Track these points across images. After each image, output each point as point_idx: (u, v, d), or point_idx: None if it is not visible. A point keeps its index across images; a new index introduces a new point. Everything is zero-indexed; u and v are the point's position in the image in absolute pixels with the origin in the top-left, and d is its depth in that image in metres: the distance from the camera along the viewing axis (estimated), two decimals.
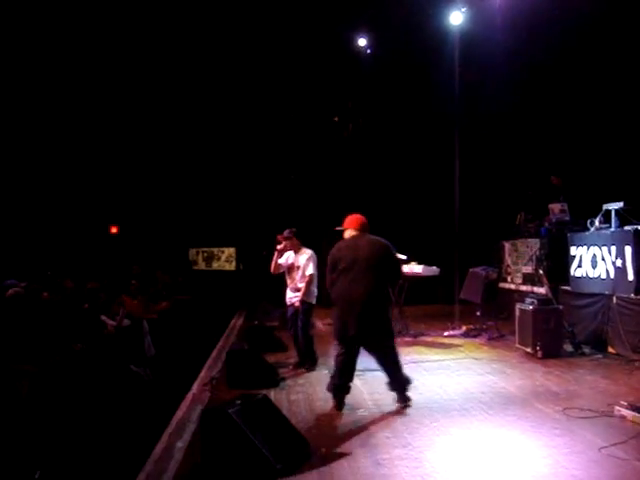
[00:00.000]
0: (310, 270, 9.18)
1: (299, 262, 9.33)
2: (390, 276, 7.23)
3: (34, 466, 5.35)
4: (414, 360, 9.71)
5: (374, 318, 6.89)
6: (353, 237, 7.15)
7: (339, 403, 7.06)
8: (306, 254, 9.31)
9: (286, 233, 9.45)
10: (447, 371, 9.02)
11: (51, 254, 18.71)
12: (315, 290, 9.32)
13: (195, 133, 22.05)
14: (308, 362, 9.39)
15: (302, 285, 9.15)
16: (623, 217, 9.84)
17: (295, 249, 9.41)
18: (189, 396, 7.76)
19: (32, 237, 19.86)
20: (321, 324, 13.78)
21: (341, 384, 7.10)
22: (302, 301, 9.13)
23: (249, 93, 20.42)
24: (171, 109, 21.55)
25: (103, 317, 10.13)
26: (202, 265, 24.66)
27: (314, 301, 9.34)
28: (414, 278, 12.19)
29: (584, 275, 10.56)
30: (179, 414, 6.89)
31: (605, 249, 9.94)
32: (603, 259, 9.99)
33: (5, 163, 19.67)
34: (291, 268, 9.42)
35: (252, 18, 18.67)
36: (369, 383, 8.21)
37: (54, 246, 19.90)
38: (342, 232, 7.36)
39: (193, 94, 21.11)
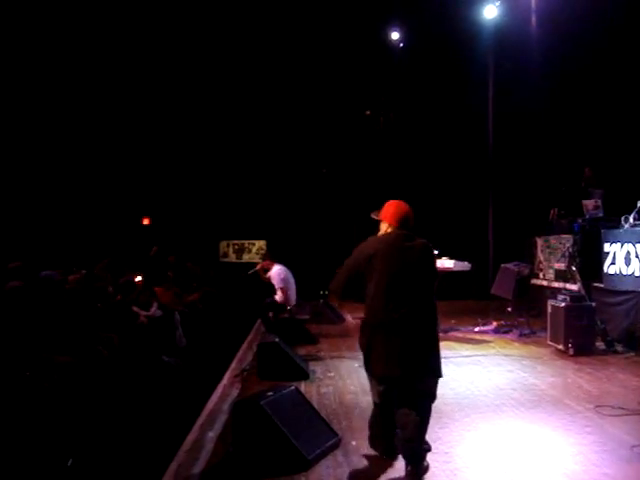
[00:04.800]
0: None
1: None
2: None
3: (67, 454, 5.42)
4: (444, 355, 9.51)
5: (424, 352, 5.06)
6: (396, 235, 5.18)
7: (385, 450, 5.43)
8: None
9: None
10: (478, 367, 9.00)
11: (85, 245, 18.90)
12: None
13: (229, 126, 22.13)
14: None
15: None
16: None
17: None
18: (220, 387, 7.83)
19: (66, 229, 20.08)
20: (350, 317, 13.82)
21: (382, 434, 5.36)
22: None
23: (283, 86, 20.47)
24: (205, 102, 21.66)
25: (135, 308, 10.23)
26: (233, 257, 24.77)
27: None
28: (445, 273, 12.15)
29: (617, 272, 10.45)
30: (210, 405, 6.95)
31: (639, 246, 9.84)
32: (637, 256, 9.87)
33: (39, 157, 19.92)
34: None
35: (288, 12, 18.73)
36: None
37: (88, 237, 20.10)
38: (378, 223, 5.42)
39: (227, 87, 21.21)
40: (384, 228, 5.31)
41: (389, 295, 4.97)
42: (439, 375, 5.17)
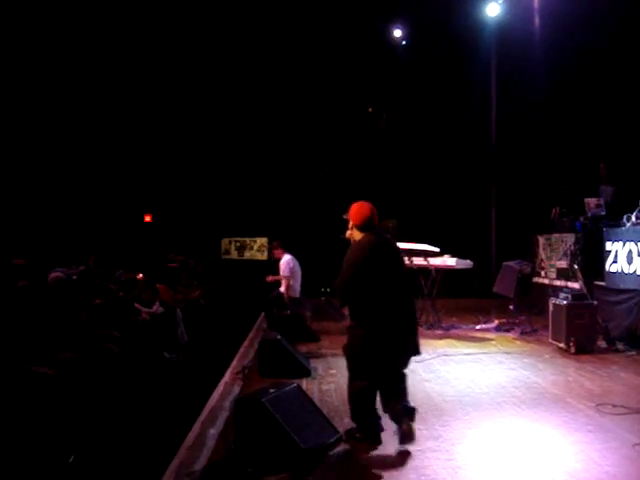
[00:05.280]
0: None
1: None
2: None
3: (68, 450, 5.43)
4: (445, 353, 9.70)
5: (414, 336, 5.79)
6: (374, 238, 5.75)
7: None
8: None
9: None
10: (479, 365, 9.00)
11: (87, 243, 18.92)
12: None
13: (231, 123, 22.10)
14: None
15: None
16: None
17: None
18: (222, 384, 7.82)
19: (68, 226, 20.09)
20: None
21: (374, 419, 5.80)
22: None
23: (285, 83, 20.44)
24: (207, 100, 21.64)
25: (137, 305, 10.23)
26: (234, 255, 24.73)
27: None
28: (447, 271, 12.18)
29: (619, 271, 10.44)
30: (212, 402, 6.94)
31: None
32: (639, 255, 9.87)
33: (42, 155, 19.94)
34: None
35: (290, 8, 18.71)
36: None
37: (90, 235, 20.10)
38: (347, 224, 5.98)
39: (228, 84, 21.18)
40: (350, 226, 5.92)
41: (385, 293, 5.61)
42: (419, 352, 5.88)
